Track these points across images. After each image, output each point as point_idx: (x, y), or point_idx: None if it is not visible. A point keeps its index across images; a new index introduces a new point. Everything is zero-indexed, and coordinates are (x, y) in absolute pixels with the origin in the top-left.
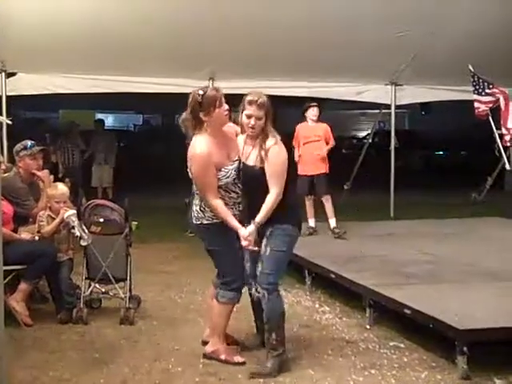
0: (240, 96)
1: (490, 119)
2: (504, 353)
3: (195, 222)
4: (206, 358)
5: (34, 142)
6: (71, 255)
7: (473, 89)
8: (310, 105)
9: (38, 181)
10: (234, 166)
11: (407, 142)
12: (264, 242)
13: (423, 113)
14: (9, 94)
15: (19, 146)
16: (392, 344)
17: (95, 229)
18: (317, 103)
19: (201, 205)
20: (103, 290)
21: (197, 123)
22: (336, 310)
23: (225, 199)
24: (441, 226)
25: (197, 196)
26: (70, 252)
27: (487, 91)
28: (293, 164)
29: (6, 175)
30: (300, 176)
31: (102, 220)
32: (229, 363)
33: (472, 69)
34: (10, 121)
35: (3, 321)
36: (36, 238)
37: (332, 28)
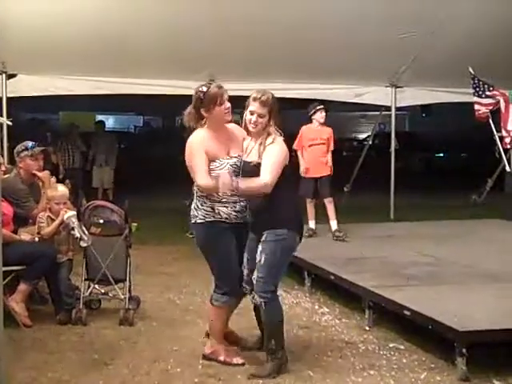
0: (239, 98)
1: (491, 121)
2: (503, 354)
3: (191, 221)
4: (206, 359)
5: (35, 143)
6: (71, 256)
7: (473, 91)
8: (318, 108)
9: (39, 182)
10: (232, 161)
11: (407, 144)
12: (259, 249)
13: (423, 115)
14: (9, 96)
15: (20, 147)
16: (391, 345)
17: (95, 230)
18: (324, 106)
19: (196, 203)
20: (103, 291)
21: (198, 118)
22: (335, 312)
23: (218, 194)
24: (441, 228)
25: (195, 196)
26: (70, 253)
27: (487, 93)
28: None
29: (7, 176)
30: (304, 178)
31: (102, 221)
32: (228, 364)
33: (472, 71)
34: (10, 122)
35: (2, 322)
36: (36, 239)
37: (332, 30)
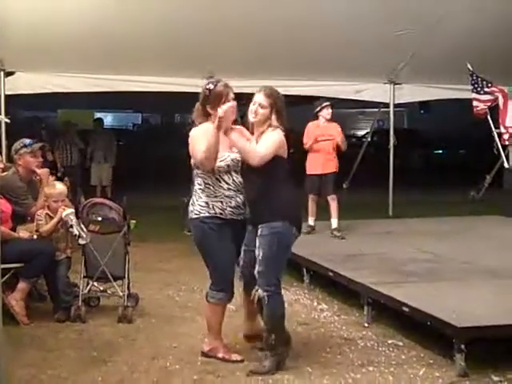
0: (239, 95)
1: (489, 118)
2: (502, 350)
3: (188, 217)
4: (204, 356)
5: (32, 140)
6: (69, 254)
7: (471, 87)
8: (325, 105)
9: (37, 179)
10: (233, 155)
11: (406, 141)
12: (257, 244)
13: (422, 111)
14: (7, 93)
15: (18, 144)
16: (390, 342)
17: (93, 227)
18: (330, 102)
19: (192, 199)
20: (101, 289)
21: (204, 114)
22: (334, 308)
23: (214, 188)
24: (439, 224)
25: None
26: (68, 251)
27: (486, 90)
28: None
29: (5, 174)
30: (309, 175)
31: (101, 219)
32: (227, 361)
33: (471, 67)
34: (8, 120)
35: (1, 319)
36: (34, 237)
37: (330, 27)
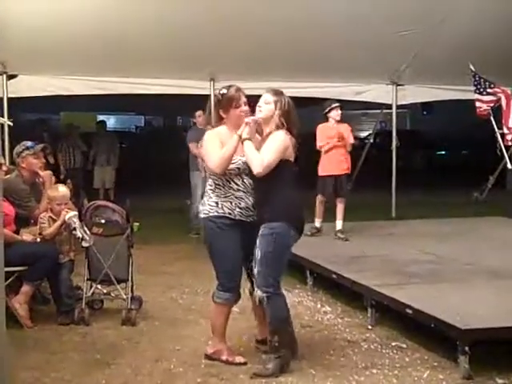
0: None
1: (492, 119)
2: (506, 352)
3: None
4: (208, 359)
5: (34, 143)
6: (72, 257)
7: (474, 88)
8: (334, 106)
9: (40, 181)
10: (244, 159)
11: (409, 142)
12: (257, 243)
13: (424, 112)
14: (10, 96)
15: (21, 147)
16: (394, 344)
17: (97, 230)
18: (339, 103)
19: (204, 199)
20: (105, 291)
21: (217, 118)
22: (338, 310)
23: (224, 189)
24: (442, 226)
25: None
26: (72, 253)
27: (488, 90)
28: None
29: (8, 177)
30: (323, 176)
31: (104, 221)
32: (231, 364)
33: (473, 68)
34: (11, 122)
35: (5, 322)
36: (37, 240)
37: (333, 28)
